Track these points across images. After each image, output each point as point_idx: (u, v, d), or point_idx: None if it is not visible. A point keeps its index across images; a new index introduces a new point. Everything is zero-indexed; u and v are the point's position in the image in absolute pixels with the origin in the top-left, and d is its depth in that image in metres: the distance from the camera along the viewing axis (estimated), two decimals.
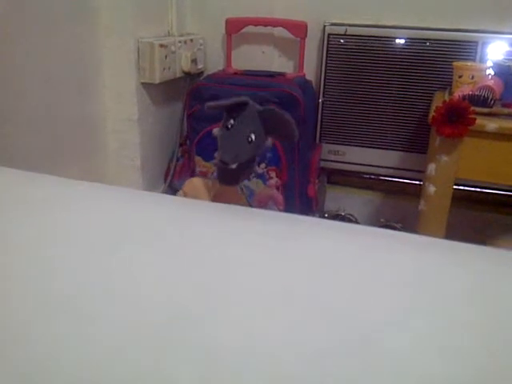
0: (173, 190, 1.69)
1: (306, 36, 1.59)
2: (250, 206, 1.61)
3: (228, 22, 1.63)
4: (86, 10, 1.36)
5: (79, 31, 1.34)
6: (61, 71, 1.29)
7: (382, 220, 1.71)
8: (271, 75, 1.58)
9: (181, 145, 1.73)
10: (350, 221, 1.70)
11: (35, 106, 1.22)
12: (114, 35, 1.42)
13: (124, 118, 1.47)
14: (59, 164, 1.29)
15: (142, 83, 1.48)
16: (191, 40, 1.64)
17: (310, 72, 1.67)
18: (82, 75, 1.39)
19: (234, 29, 1.63)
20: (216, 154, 1.55)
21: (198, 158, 1.55)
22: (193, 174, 1.58)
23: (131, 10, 1.41)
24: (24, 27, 1.15)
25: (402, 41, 1.52)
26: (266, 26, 1.62)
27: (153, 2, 1.52)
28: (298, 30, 1.58)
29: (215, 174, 1.54)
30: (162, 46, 1.45)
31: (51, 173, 0.51)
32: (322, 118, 1.66)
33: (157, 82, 1.47)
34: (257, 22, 1.61)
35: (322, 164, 1.70)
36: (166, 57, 1.49)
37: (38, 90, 1.22)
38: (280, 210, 1.56)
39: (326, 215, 1.72)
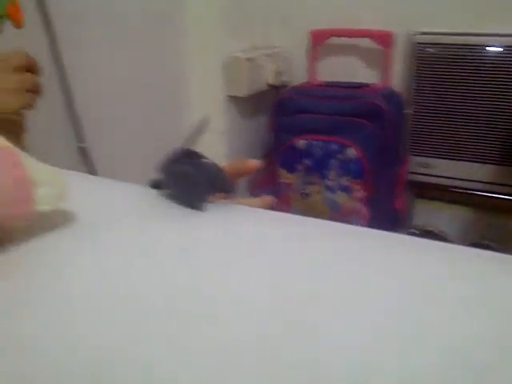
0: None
1: (392, 46, 1.55)
2: (334, 219, 1.58)
3: (312, 34, 1.63)
4: (176, 26, 1.42)
5: (169, 47, 1.40)
6: (151, 86, 1.35)
7: (477, 238, 1.62)
8: (356, 86, 1.56)
9: (265, 156, 1.75)
10: (440, 238, 1.62)
11: (129, 119, 1.28)
12: (202, 50, 1.46)
13: (211, 130, 1.51)
14: (148, 174, 1.34)
15: (229, 96, 1.51)
16: (276, 53, 1.66)
17: (397, 83, 1.62)
18: (172, 90, 1.44)
19: (319, 40, 1.63)
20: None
21: (281, 170, 1.56)
22: (276, 186, 1.58)
23: (218, 26, 1.45)
24: (116, 46, 1.22)
25: (497, 49, 1.44)
26: (351, 37, 1.60)
27: (239, 16, 1.55)
28: (385, 39, 1.55)
29: (299, 185, 1.55)
30: (248, 59, 1.48)
31: (142, 181, 0.53)
32: (410, 130, 1.61)
33: (243, 95, 1.50)
34: (342, 33, 1.60)
35: (410, 177, 1.64)
36: (251, 70, 1.51)
37: (127, 102, 1.28)
38: (365, 224, 1.52)
39: (414, 231, 1.66)
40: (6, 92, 0.59)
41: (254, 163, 0.53)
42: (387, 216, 1.55)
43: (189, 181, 0.44)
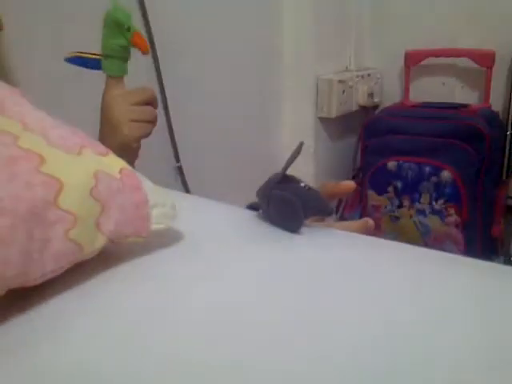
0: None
1: (493, 65, 1.49)
2: (426, 244, 1.53)
3: (408, 55, 1.60)
4: (272, 50, 1.46)
5: (263, 70, 1.44)
6: (247, 108, 1.40)
7: None
8: (453, 107, 1.51)
9: (353, 177, 1.73)
10: None
11: (224, 139, 1.33)
12: (295, 73, 1.49)
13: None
14: (241, 193, 1.38)
15: (319, 118, 1.53)
16: (368, 74, 1.65)
17: (497, 103, 1.55)
18: (265, 111, 1.48)
19: (414, 61, 1.60)
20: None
21: (370, 192, 1.54)
22: (364, 208, 1.56)
23: (311, 49, 1.47)
24: (214, 67, 1.27)
25: None
26: (448, 56, 1.56)
27: (332, 39, 1.57)
28: (485, 59, 1.49)
29: (388, 207, 1.51)
30: (340, 81, 1.49)
31: (234, 201, 0.56)
32: (510, 152, 1.52)
33: (333, 116, 1.50)
34: (439, 53, 1.56)
35: (509, 202, 1.55)
36: (343, 92, 1.52)
37: (223, 123, 1.33)
38: (459, 251, 1.45)
39: None
40: (132, 122, 0.66)
41: (349, 185, 0.53)
42: (483, 243, 1.47)
43: (285, 205, 0.45)
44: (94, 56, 0.67)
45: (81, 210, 0.34)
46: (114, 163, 0.39)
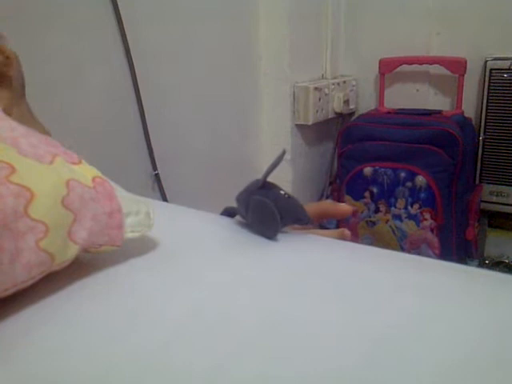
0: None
1: (464, 72, 1.52)
2: (402, 248, 1.55)
3: (382, 63, 1.62)
4: (249, 58, 1.47)
5: (241, 78, 1.45)
6: (224, 115, 1.40)
7: None
8: (427, 113, 1.53)
9: (330, 183, 1.75)
10: None
11: (201, 146, 1.33)
12: (273, 81, 1.50)
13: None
14: (219, 200, 1.38)
15: (296, 125, 1.54)
16: (344, 82, 1.67)
17: (469, 109, 1.58)
18: (243, 119, 1.48)
19: (388, 69, 1.62)
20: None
21: (347, 197, 1.55)
22: None
23: (289, 57, 1.48)
24: (190, 75, 1.27)
25: None
26: (421, 64, 1.58)
27: (308, 48, 1.58)
28: (457, 66, 1.52)
29: (364, 213, 1.53)
30: (316, 89, 1.50)
31: (212, 207, 0.56)
32: (482, 157, 1.55)
33: (310, 123, 1.51)
34: (412, 61, 1.59)
35: (483, 206, 1.58)
36: (319, 99, 1.53)
37: (199, 130, 1.33)
38: (435, 254, 1.47)
39: (487, 261, 1.59)
40: None
41: (347, 208, 0.51)
42: (458, 246, 1.49)
43: (263, 211, 0.45)
44: None
45: (52, 219, 0.34)
46: (87, 172, 0.39)
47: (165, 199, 1.23)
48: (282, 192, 0.46)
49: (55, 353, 0.30)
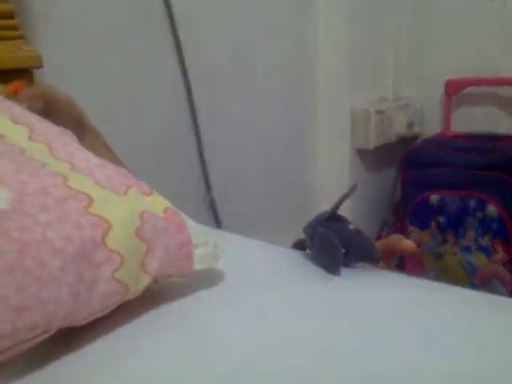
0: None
1: None
2: (471, 283, 1.44)
3: (448, 84, 1.55)
4: (306, 78, 1.43)
5: (297, 98, 1.42)
6: (278, 135, 1.36)
7: None
8: (497, 138, 1.45)
9: (393, 213, 1.66)
10: None
11: (256, 171, 1.30)
12: (330, 102, 1.46)
13: (336, 182, 1.47)
14: (273, 225, 1.32)
15: (357, 149, 1.48)
16: (407, 104, 1.60)
17: None
18: (299, 140, 1.45)
19: (455, 90, 1.55)
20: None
21: (411, 227, 1.46)
22: None
23: (347, 78, 1.44)
24: (245, 98, 1.25)
25: None
26: (491, 85, 1.50)
27: (369, 68, 1.54)
28: None
29: (430, 243, 1.43)
30: (377, 112, 1.44)
31: (266, 233, 0.57)
32: None
33: (371, 147, 1.45)
34: (481, 82, 1.51)
35: None
36: (381, 122, 1.47)
37: (255, 154, 1.30)
38: (507, 290, 1.37)
39: None
40: None
41: (410, 245, 0.51)
42: None
43: (327, 244, 0.44)
44: None
45: (127, 250, 0.35)
46: (159, 203, 0.41)
47: (218, 224, 1.20)
48: (351, 226, 0.46)
49: (139, 381, 0.31)
